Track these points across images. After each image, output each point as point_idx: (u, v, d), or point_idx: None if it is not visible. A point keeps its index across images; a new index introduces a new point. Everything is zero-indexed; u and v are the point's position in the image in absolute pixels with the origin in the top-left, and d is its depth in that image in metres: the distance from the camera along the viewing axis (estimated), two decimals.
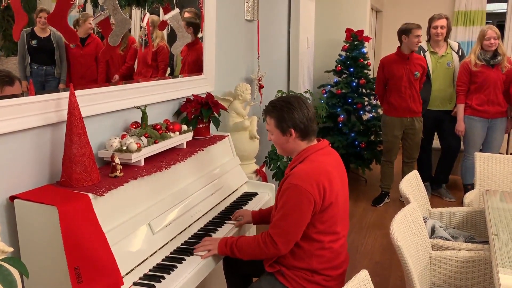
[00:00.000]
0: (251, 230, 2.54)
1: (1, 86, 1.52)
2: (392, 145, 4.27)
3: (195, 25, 2.65)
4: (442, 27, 4.18)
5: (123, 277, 1.53)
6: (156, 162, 1.99)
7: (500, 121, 4.02)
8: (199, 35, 2.70)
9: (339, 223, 1.83)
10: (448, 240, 2.31)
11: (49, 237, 1.47)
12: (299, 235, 1.76)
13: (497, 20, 6.33)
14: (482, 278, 2.03)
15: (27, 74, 1.64)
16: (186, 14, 2.54)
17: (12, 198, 1.53)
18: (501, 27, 5.95)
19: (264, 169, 3.18)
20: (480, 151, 4.05)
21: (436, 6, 6.12)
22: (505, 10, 6.13)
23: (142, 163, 1.94)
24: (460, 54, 4.29)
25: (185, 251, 1.83)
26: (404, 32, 4.00)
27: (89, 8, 1.89)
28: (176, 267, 1.70)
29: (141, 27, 2.18)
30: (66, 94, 1.68)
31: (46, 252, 1.50)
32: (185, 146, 2.28)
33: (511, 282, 1.56)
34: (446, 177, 4.60)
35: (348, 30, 4.91)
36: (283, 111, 1.81)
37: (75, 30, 1.81)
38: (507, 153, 4.86)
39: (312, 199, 1.70)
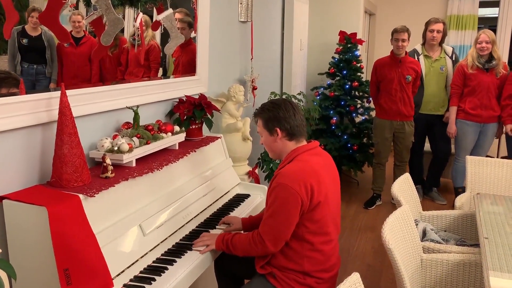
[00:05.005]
0: None
1: (8, 87, 1.54)
2: (382, 148, 4.28)
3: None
4: (438, 31, 4.20)
5: (113, 279, 1.51)
6: (148, 163, 1.98)
7: (492, 126, 4.05)
8: (192, 35, 2.69)
9: (330, 224, 1.83)
10: (439, 243, 2.32)
11: (39, 238, 1.45)
12: (288, 234, 1.76)
13: (489, 24, 6.39)
14: (473, 281, 2.04)
15: (18, 73, 1.63)
16: (177, 15, 2.53)
17: (1, 198, 1.51)
18: (493, 31, 6.00)
19: (256, 170, 3.18)
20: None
21: (428, 10, 6.16)
22: (497, 15, 6.19)
23: (134, 164, 1.93)
24: (454, 59, 4.32)
25: (176, 252, 1.82)
26: (391, 35, 4.05)
27: (82, 7, 1.87)
28: (167, 268, 1.69)
29: (134, 26, 2.17)
30: (57, 93, 1.67)
31: (35, 254, 1.48)
32: (177, 147, 2.26)
33: (501, 285, 1.57)
34: (437, 181, 4.63)
35: (341, 33, 4.93)
36: (269, 111, 1.87)
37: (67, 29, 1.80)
38: (497, 157, 4.90)
39: (299, 198, 1.71)
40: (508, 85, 3.90)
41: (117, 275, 1.57)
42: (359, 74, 4.91)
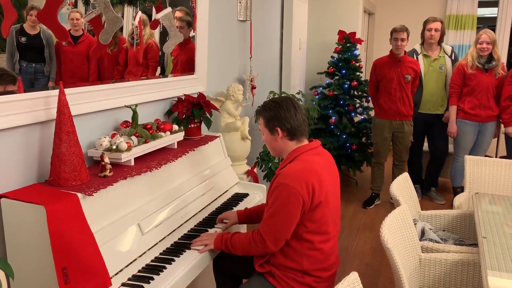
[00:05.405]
0: (244, 226, 2.53)
1: (5, 84, 1.54)
2: (381, 147, 4.28)
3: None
4: (436, 30, 4.20)
5: (111, 278, 1.51)
6: (147, 162, 1.97)
7: (490, 125, 4.06)
8: (191, 34, 2.69)
9: (330, 224, 1.83)
10: (438, 242, 2.32)
11: (37, 237, 1.45)
12: (288, 234, 1.76)
13: (488, 24, 6.39)
14: (471, 281, 2.04)
15: (16, 72, 1.63)
16: (177, 13, 2.53)
17: None
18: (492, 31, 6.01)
19: (255, 170, 3.18)
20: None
21: (428, 9, 6.16)
22: (496, 15, 6.19)
23: (132, 163, 1.92)
24: (453, 58, 4.31)
25: (174, 251, 1.82)
26: (390, 35, 4.05)
27: (80, 6, 1.87)
28: (165, 267, 1.69)
29: (132, 25, 2.17)
30: (56, 92, 1.66)
31: (33, 252, 1.47)
32: (176, 146, 2.26)
33: (499, 284, 1.57)
34: (435, 181, 4.63)
35: (341, 32, 4.93)
36: (271, 110, 1.85)
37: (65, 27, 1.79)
38: (496, 156, 4.90)
39: (301, 198, 1.71)
40: (508, 85, 3.91)
41: (116, 274, 1.57)
42: (358, 73, 4.91)
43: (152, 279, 1.61)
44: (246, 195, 2.52)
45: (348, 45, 4.87)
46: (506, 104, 3.92)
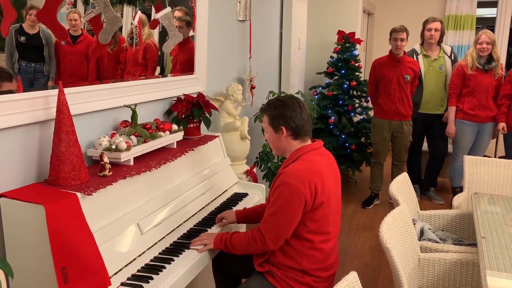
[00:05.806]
0: (243, 227, 2.53)
1: (0, 82, 1.54)
2: (381, 147, 4.29)
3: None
4: (436, 30, 4.21)
5: (110, 278, 1.51)
6: (146, 162, 1.97)
7: (489, 126, 4.07)
8: (191, 34, 2.69)
9: (331, 224, 1.83)
10: (437, 242, 2.33)
11: (36, 237, 1.45)
12: (289, 233, 1.77)
13: (487, 24, 6.40)
14: (470, 280, 2.04)
15: (15, 71, 1.63)
16: (177, 13, 2.53)
17: None
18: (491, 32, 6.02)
19: (254, 169, 3.18)
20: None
21: (427, 9, 6.17)
22: (495, 15, 6.20)
23: (132, 163, 1.93)
24: (452, 58, 4.32)
25: (174, 251, 1.82)
26: (389, 35, 4.05)
27: (80, 5, 1.87)
28: (164, 267, 1.69)
29: (132, 24, 2.17)
30: (55, 91, 1.66)
31: (33, 252, 1.47)
32: (175, 146, 2.26)
33: (498, 284, 1.57)
34: (434, 181, 4.64)
35: (340, 32, 4.93)
36: (276, 109, 1.85)
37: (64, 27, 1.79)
38: (495, 157, 4.91)
39: (303, 198, 1.71)
40: (505, 85, 3.92)
41: (115, 274, 1.57)
42: (357, 73, 4.91)
43: (152, 278, 1.61)
44: (245, 194, 2.52)
45: (347, 45, 4.87)
46: (502, 102, 3.94)
